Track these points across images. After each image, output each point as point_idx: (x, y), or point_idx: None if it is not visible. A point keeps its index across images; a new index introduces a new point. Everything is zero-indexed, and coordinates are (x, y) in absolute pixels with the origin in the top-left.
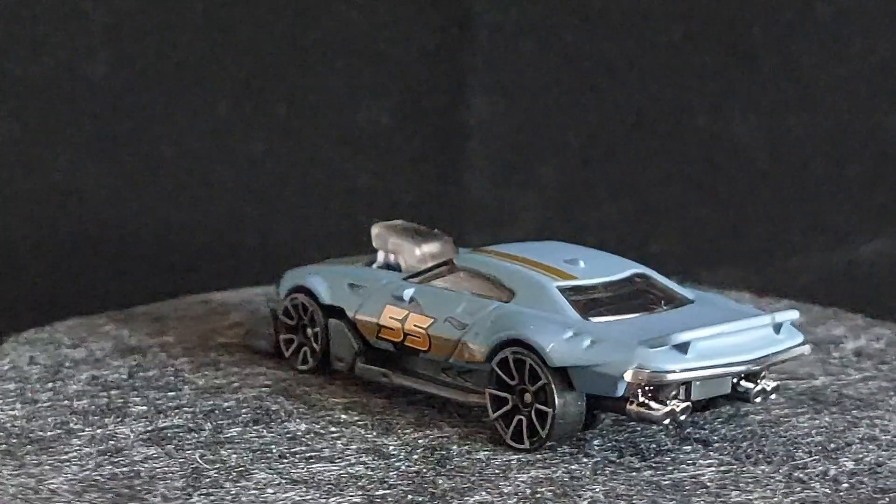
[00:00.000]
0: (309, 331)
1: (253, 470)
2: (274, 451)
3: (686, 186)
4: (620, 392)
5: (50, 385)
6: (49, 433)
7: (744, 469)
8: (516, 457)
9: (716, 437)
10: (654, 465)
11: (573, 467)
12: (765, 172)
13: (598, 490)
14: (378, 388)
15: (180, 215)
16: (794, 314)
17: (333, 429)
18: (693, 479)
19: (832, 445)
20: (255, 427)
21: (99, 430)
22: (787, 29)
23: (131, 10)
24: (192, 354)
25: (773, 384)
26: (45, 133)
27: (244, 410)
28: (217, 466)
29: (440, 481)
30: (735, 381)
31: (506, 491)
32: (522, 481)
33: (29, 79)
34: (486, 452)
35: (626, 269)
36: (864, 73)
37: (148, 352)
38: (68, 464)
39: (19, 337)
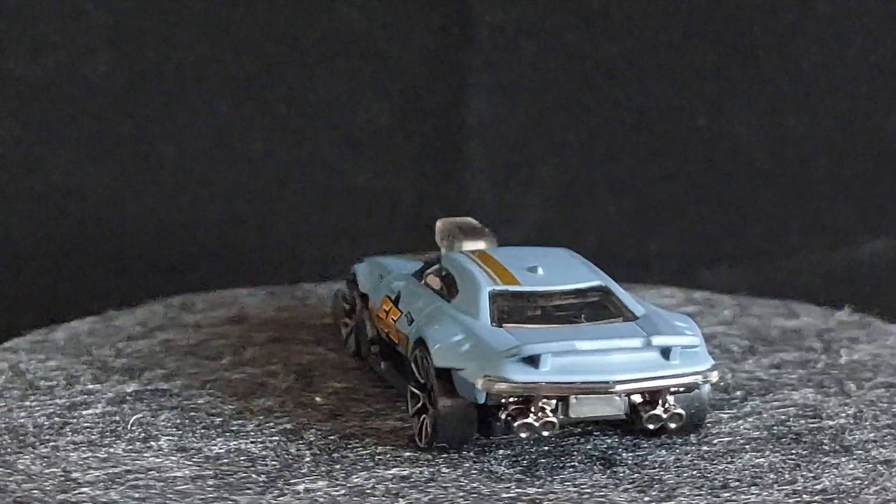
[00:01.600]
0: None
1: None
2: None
3: (686, 186)
4: (481, 399)
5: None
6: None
7: (607, 495)
8: (388, 450)
9: (621, 458)
10: (517, 478)
11: (426, 470)
12: (765, 172)
13: (421, 498)
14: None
15: (180, 215)
16: (682, 341)
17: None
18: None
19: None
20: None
21: None
22: (787, 29)
23: (131, 10)
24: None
25: (675, 411)
26: (45, 133)
27: None
28: None
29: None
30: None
31: (351, 482)
32: (373, 476)
33: (29, 79)
34: (381, 447)
35: (585, 280)
36: (864, 73)
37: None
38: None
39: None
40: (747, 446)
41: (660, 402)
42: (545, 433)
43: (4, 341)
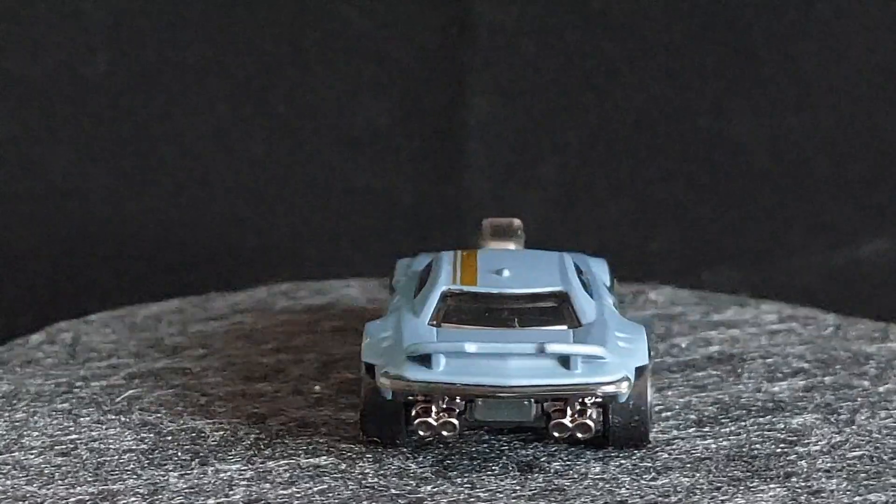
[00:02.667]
0: None
1: None
2: None
3: (686, 186)
4: (388, 396)
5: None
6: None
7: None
8: (328, 441)
9: (544, 466)
10: (424, 476)
11: (344, 462)
12: (765, 172)
13: (312, 487)
14: None
15: (180, 215)
16: (577, 349)
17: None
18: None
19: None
20: None
21: None
22: (788, 29)
23: (131, 9)
24: None
25: (583, 422)
26: (45, 133)
27: None
28: None
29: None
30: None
31: (264, 467)
32: (289, 463)
33: (28, 79)
34: (323, 437)
35: (547, 286)
36: (864, 73)
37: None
38: None
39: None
40: (685, 465)
41: (569, 411)
42: (445, 433)
43: (4, 341)
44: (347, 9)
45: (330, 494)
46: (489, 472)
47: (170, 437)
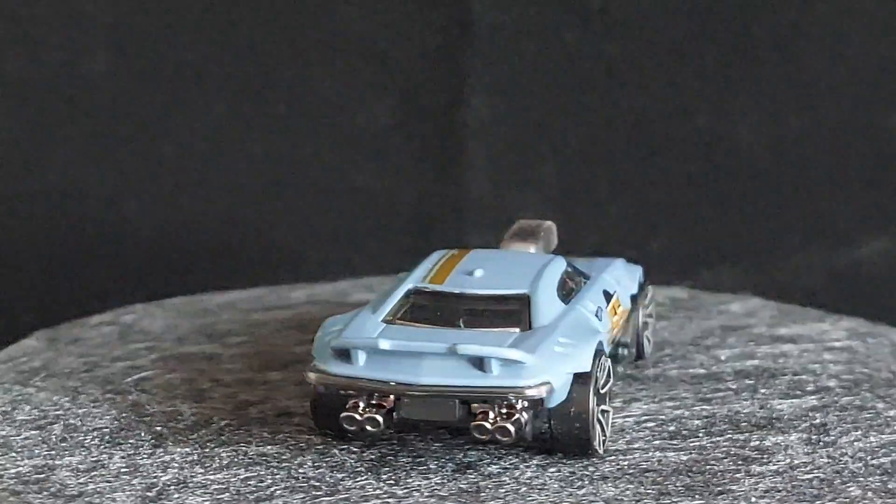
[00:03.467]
0: None
1: None
2: None
3: (686, 186)
4: (322, 390)
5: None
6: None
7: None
8: (284, 430)
9: (482, 469)
10: (356, 471)
11: (290, 452)
12: (765, 172)
13: (240, 473)
14: None
15: (180, 215)
16: (489, 352)
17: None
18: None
19: None
20: None
21: None
22: (788, 29)
23: (131, 9)
24: None
25: (503, 425)
26: (45, 133)
27: None
28: None
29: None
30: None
31: (210, 453)
32: (236, 450)
33: (28, 78)
34: (278, 426)
35: (513, 288)
36: (864, 73)
37: None
38: None
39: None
40: (622, 477)
41: (491, 413)
42: (370, 428)
43: (4, 341)
44: (347, 9)
45: (251, 482)
46: (421, 471)
47: (147, 419)
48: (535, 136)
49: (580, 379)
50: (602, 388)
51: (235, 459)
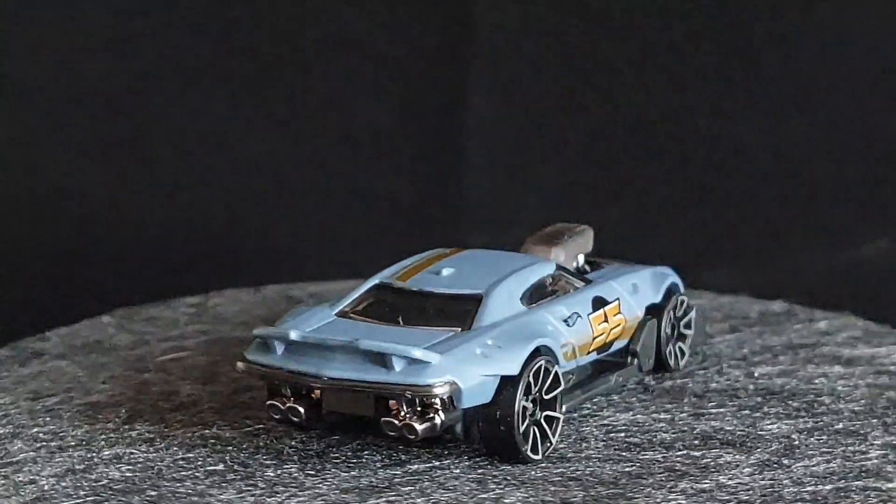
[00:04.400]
0: None
1: None
2: None
3: (686, 186)
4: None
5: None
6: None
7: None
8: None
9: (413, 465)
10: (280, 460)
11: (230, 434)
12: (765, 172)
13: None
14: None
15: (180, 215)
16: (389, 349)
17: None
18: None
19: None
20: None
21: None
22: (788, 29)
23: (130, 10)
24: None
25: (408, 423)
26: (45, 133)
27: None
28: None
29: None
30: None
31: (170, 432)
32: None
33: (28, 79)
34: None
35: (472, 288)
36: (864, 74)
37: None
38: None
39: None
40: (535, 484)
41: (402, 411)
42: (293, 418)
43: (4, 341)
44: (347, 9)
45: (181, 461)
46: (351, 464)
47: (142, 396)
48: (535, 136)
49: (508, 382)
50: (546, 394)
51: (186, 440)
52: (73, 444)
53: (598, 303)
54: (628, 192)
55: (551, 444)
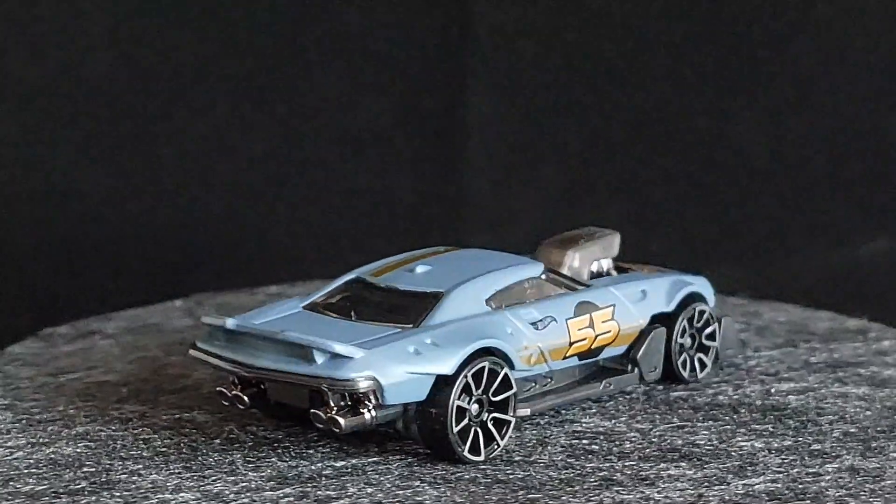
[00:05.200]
0: None
1: None
2: None
3: (686, 186)
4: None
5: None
6: None
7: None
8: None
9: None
10: (236, 448)
11: (201, 416)
12: (765, 172)
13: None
14: None
15: (180, 215)
16: (307, 340)
17: None
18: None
19: None
20: None
21: None
22: (788, 29)
23: (131, 10)
24: None
25: (332, 416)
26: (46, 133)
27: None
28: None
29: None
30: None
31: (152, 412)
32: (172, 411)
33: (28, 79)
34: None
35: (435, 287)
36: (864, 73)
37: None
38: None
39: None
40: (458, 484)
41: (332, 403)
42: (239, 405)
43: (5, 341)
44: (347, 9)
45: (140, 442)
46: (294, 454)
47: (153, 378)
48: (535, 136)
49: (444, 381)
50: (494, 396)
51: (161, 421)
52: (54, 419)
53: (583, 308)
54: (628, 192)
55: (499, 446)
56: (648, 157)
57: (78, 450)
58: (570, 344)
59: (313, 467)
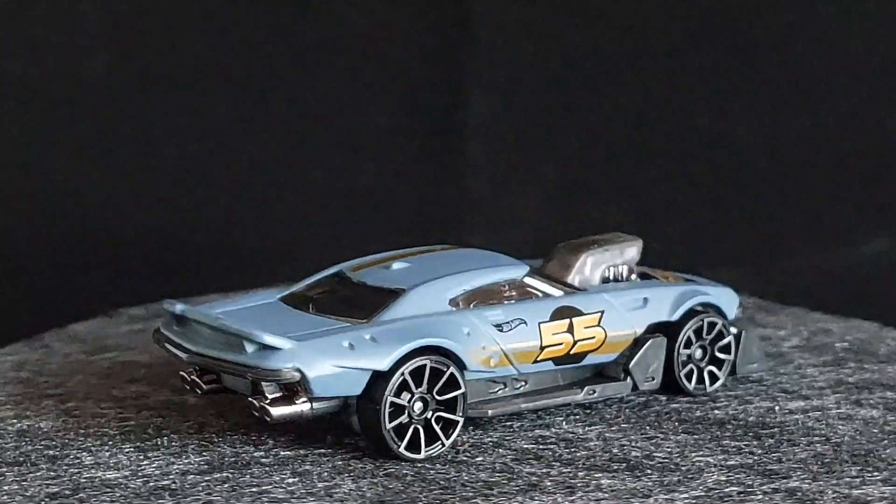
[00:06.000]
0: None
1: None
2: None
3: (686, 186)
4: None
5: None
6: None
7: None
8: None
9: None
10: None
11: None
12: (765, 172)
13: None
14: None
15: (180, 215)
16: (234, 328)
17: None
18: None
19: None
20: None
21: None
22: (788, 29)
23: (130, 10)
24: None
25: (262, 405)
26: (45, 133)
27: None
28: None
29: None
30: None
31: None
32: (146, 392)
33: (28, 79)
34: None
35: (399, 284)
36: (864, 73)
37: None
38: None
39: None
40: (375, 480)
41: (267, 392)
42: (196, 390)
43: (4, 341)
44: (347, 9)
45: (92, 423)
46: (220, 438)
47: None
48: (535, 136)
49: (379, 377)
50: (440, 395)
51: (129, 402)
52: (46, 395)
53: (563, 312)
54: (628, 192)
55: (443, 445)
56: (648, 157)
57: (36, 426)
58: (542, 348)
59: (255, 455)
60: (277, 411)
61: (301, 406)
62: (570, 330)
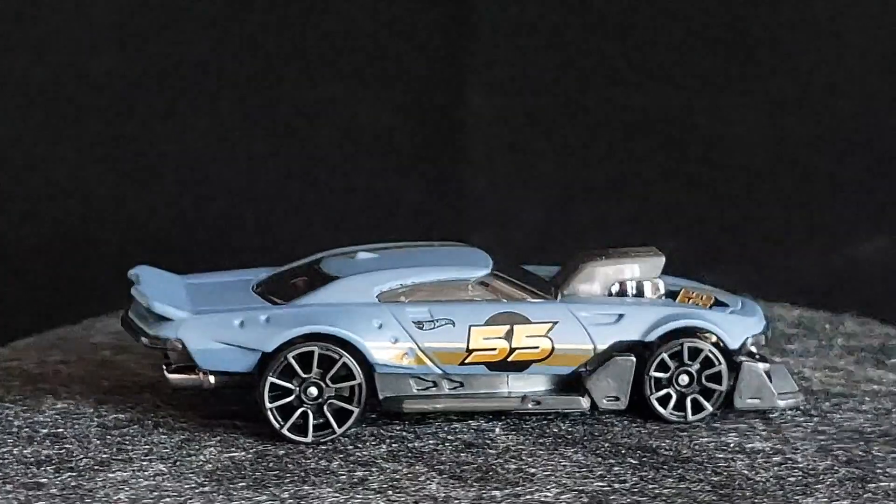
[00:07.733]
0: None
1: None
2: None
3: (686, 186)
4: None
5: None
6: None
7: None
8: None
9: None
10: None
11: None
12: (765, 172)
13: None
14: None
15: (181, 215)
16: (146, 298)
17: None
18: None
19: None
20: None
21: None
22: (787, 28)
23: (133, 9)
24: None
25: (170, 374)
26: (47, 132)
27: None
28: None
29: None
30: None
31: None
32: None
33: (30, 78)
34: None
35: (343, 274)
36: (864, 73)
37: None
38: None
39: None
40: (253, 469)
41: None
42: (167, 375)
43: (4, 341)
44: (348, 8)
45: (110, 416)
46: (178, 429)
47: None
48: (535, 135)
49: (268, 358)
50: (334, 382)
51: (111, 395)
52: (47, 376)
53: (504, 318)
54: (628, 191)
55: (334, 432)
56: (648, 157)
57: (47, 415)
58: (469, 351)
59: (179, 439)
60: (174, 378)
61: (198, 376)
62: (509, 337)
